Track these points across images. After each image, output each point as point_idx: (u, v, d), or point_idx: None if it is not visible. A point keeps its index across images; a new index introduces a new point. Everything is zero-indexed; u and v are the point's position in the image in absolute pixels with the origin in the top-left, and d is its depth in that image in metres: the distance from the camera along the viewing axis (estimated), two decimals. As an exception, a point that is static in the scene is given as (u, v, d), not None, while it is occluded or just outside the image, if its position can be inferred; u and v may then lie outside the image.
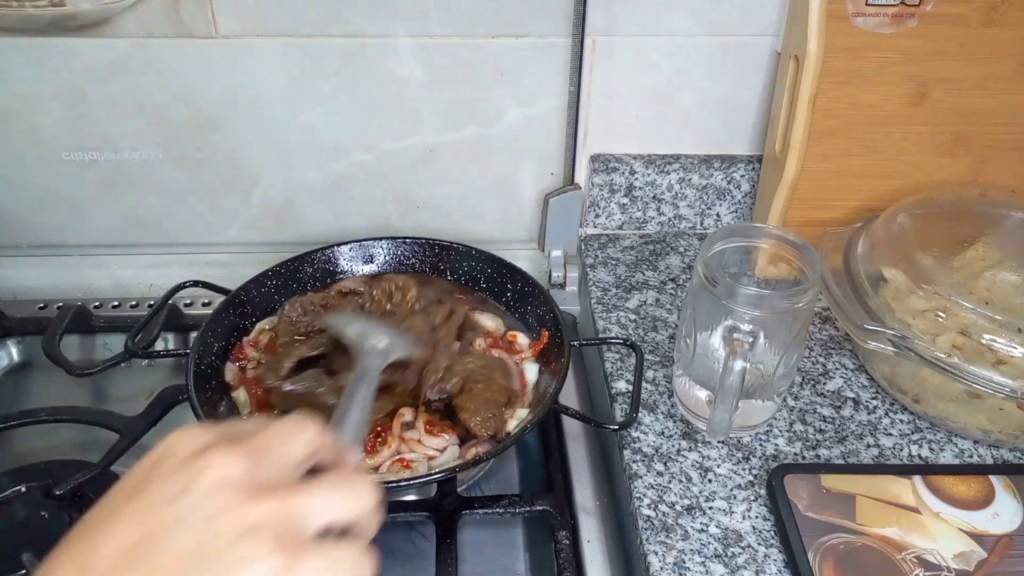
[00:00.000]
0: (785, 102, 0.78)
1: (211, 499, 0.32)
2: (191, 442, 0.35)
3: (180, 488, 0.33)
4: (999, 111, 0.78)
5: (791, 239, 0.62)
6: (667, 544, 0.59)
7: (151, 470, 0.34)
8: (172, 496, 0.33)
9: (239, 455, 0.34)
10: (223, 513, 0.32)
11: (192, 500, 0.32)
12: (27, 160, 0.82)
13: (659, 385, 0.72)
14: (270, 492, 0.33)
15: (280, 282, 0.77)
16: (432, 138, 0.84)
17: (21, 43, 0.75)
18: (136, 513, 0.33)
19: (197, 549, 0.31)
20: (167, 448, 0.35)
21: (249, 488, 0.33)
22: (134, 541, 0.32)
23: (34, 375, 0.82)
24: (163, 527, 0.32)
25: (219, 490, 0.32)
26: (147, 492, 0.33)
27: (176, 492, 0.33)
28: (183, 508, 0.32)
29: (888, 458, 0.66)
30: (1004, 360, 0.62)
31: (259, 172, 0.85)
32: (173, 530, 0.32)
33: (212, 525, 0.32)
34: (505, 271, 0.78)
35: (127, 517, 0.33)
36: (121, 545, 0.32)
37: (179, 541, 0.31)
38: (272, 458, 0.35)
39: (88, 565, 0.32)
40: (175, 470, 0.33)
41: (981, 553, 0.57)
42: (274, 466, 0.35)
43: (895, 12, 0.73)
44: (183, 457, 0.34)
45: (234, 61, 0.78)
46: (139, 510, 0.33)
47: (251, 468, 0.33)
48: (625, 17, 0.78)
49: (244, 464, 0.33)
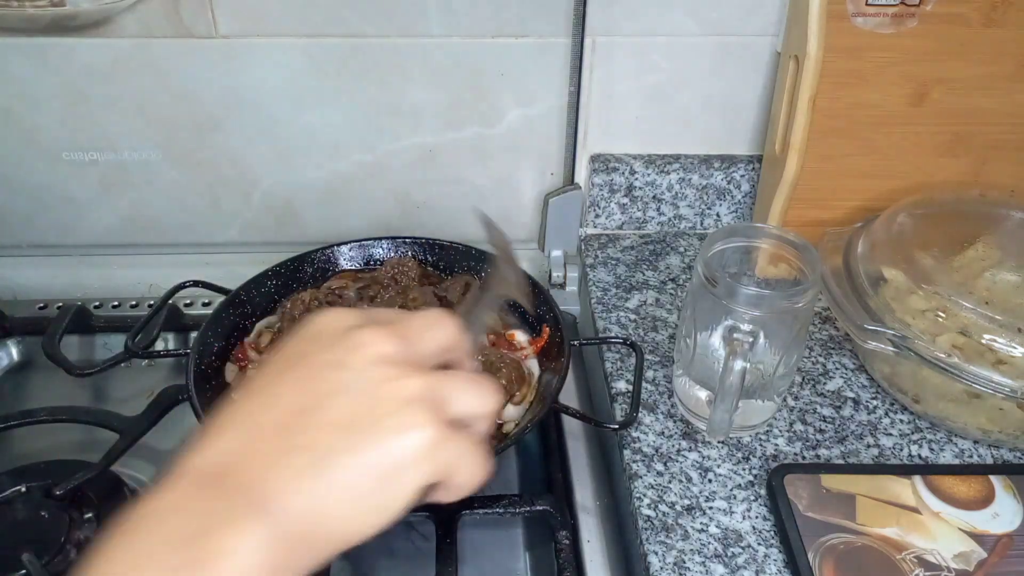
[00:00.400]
0: (785, 102, 0.77)
1: (371, 370, 0.34)
2: (344, 320, 0.37)
3: (340, 359, 0.35)
4: (999, 111, 0.78)
5: (791, 239, 0.62)
6: (667, 544, 0.59)
7: (309, 343, 0.36)
8: (334, 365, 0.35)
9: (390, 335, 0.36)
10: (383, 383, 0.34)
11: (354, 369, 0.34)
12: (27, 160, 0.82)
13: (659, 385, 0.72)
14: (421, 371, 0.35)
15: (280, 282, 0.77)
16: (432, 138, 0.84)
17: (21, 43, 0.75)
18: (301, 380, 0.35)
19: (361, 413, 0.33)
20: (321, 324, 0.37)
21: (403, 364, 0.35)
22: (301, 405, 0.34)
23: (34, 375, 0.82)
24: (327, 393, 0.34)
25: (377, 363, 0.35)
26: (309, 361, 0.35)
27: (337, 362, 0.35)
28: (346, 376, 0.34)
29: (888, 458, 0.66)
30: (1004, 360, 0.62)
31: (259, 172, 0.85)
32: (338, 396, 0.34)
33: (374, 393, 0.34)
34: None
35: (292, 383, 0.35)
36: (289, 407, 0.34)
37: (344, 405, 0.33)
38: (417, 342, 0.37)
39: (257, 426, 0.34)
40: (333, 343, 0.36)
41: (981, 553, 0.57)
42: (419, 350, 0.37)
43: (895, 12, 0.73)
44: (338, 332, 0.36)
45: (234, 61, 0.78)
46: (303, 377, 0.35)
47: (401, 348, 0.36)
48: (625, 17, 0.78)
49: (396, 343, 0.36)
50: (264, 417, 0.34)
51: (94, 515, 0.63)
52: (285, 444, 0.33)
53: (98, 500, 0.64)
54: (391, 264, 0.77)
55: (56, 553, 0.60)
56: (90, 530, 0.62)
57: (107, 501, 0.64)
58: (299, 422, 0.33)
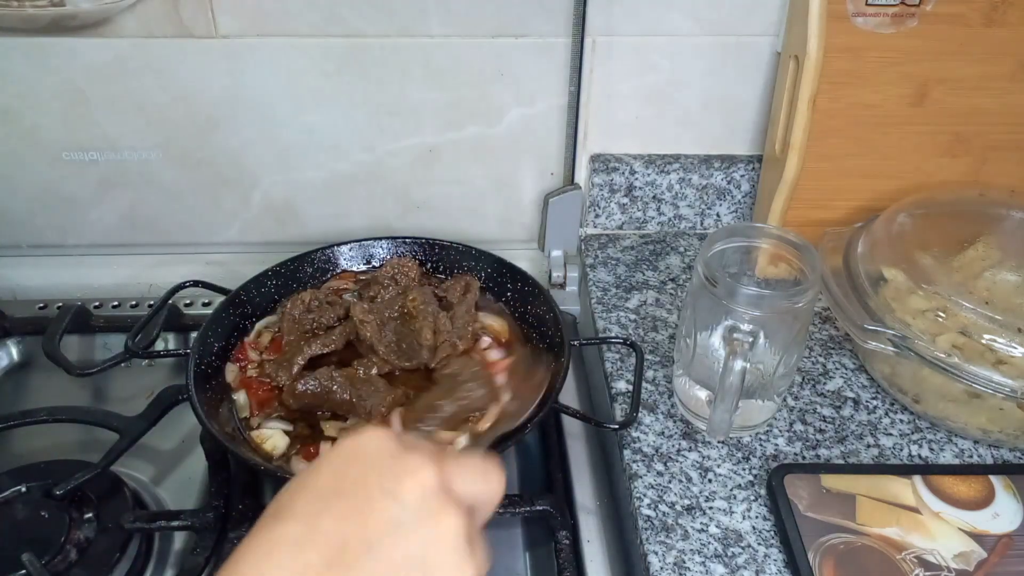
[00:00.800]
0: (785, 102, 0.77)
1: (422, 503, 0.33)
2: (388, 444, 0.35)
3: (394, 491, 0.33)
4: (999, 111, 0.78)
5: (791, 239, 0.62)
6: (667, 544, 0.59)
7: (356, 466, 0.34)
8: (389, 497, 0.32)
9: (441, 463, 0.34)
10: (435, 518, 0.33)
11: (404, 502, 0.32)
12: (27, 160, 0.82)
13: (659, 385, 0.72)
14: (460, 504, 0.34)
15: (280, 282, 0.77)
16: (432, 138, 0.84)
17: (21, 43, 0.75)
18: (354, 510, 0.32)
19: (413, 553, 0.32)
20: (367, 445, 0.35)
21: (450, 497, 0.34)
22: (350, 538, 0.31)
23: (34, 375, 0.82)
24: (383, 531, 0.32)
25: (428, 496, 0.33)
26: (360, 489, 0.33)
27: (391, 494, 0.33)
28: (397, 509, 0.32)
29: (888, 458, 0.66)
30: (1004, 360, 0.62)
31: (259, 172, 0.85)
32: (390, 532, 0.32)
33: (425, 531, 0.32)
34: (505, 271, 0.78)
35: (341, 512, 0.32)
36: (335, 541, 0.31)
37: (396, 544, 0.32)
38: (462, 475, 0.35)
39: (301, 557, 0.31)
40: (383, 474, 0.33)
41: (981, 553, 0.57)
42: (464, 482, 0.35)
43: (895, 12, 0.73)
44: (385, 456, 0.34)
45: (234, 61, 0.78)
46: (357, 507, 0.32)
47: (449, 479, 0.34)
48: (625, 17, 0.78)
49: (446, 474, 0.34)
50: (311, 545, 0.31)
51: (94, 515, 0.63)
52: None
53: (98, 500, 0.64)
54: (391, 265, 0.77)
55: (56, 553, 0.60)
56: (90, 530, 0.62)
57: (107, 501, 0.64)
58: (350, 556, 0.31)
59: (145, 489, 0.69)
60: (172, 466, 0.72)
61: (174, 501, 0.68)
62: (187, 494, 0.69)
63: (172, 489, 0.70)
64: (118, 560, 0.61)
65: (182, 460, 0.72)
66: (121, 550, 0.61)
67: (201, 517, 0.63)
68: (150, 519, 0.64)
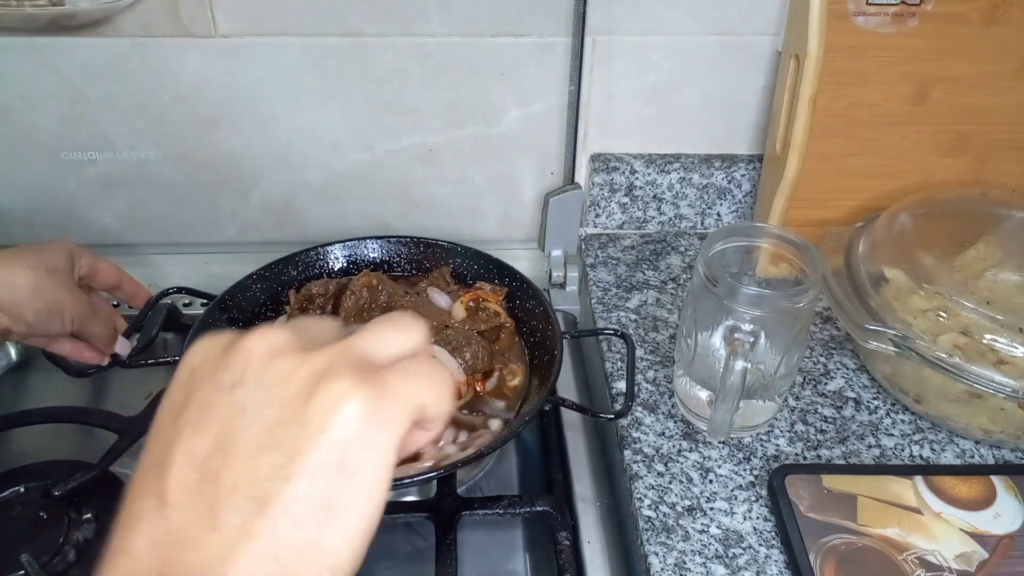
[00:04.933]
0: (786, 101, 0.77)
1: (268, 371, 0.28)
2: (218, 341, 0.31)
3: (231, 378, 0.29)
4: (1000, 110, 0.77)
5: (792, 239, 0.62)
6: (668, 545, 0.59)
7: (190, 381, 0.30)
8: (227, 386, 0.29)
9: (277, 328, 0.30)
10: (288, 375, 0.28)
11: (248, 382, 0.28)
12: (27, 160, 0.82)
13: (659, 385, 0.72)
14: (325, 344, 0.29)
15: (265, 285, 0.75)
16: (432, 138, 0.84)
17: (21, 43, 0.75)
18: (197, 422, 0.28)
19: (277, 421, 0.27)
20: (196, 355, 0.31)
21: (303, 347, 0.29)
22: (207, 449, 0.28)
23: (34, 375, 0.82)
24: (231, 418, 0.28)
25: (272, 360, 0.29)
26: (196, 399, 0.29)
27: (229, 382, 0.29)
28: (242, 393, 0.28)
29: (889, 458, 0.65)
30: (1005, 360, 0.62)
31: (259, 172, 0.85)
32: (243, 415, 0.28)
33: (281, 390, 0.28)
34: (492, 266, 0.77)
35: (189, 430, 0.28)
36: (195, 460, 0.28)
37: (255, 423, 0.27)
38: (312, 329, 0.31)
39: (165, 491, 0.27)
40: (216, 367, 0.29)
41: (983, 554, 0.57)
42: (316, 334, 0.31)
43: (896, 11, 0.72)
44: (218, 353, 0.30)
45: (234, 61, 0.77)
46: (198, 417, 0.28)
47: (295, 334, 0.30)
48: (625, 17, 0.78)
49: (287, 332, 0.30)
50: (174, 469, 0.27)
51: (93, 515, 0.63)
52: (211, 502, 0.27)
53: (97, 500, 0.64)
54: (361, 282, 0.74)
55: (55, 553, 0.60)
56: (89, 531, 0.62)
57: (106, 501, 0.64)
58: (216, 463, 0.27)
59: (144, 489, 0.69)
60: (171, 466, 0.72)
61: (173, 501, 0.68)
62: (186, 494, 0.69)
63: (171, 489, 0.69)
64: (117, 561, 0.61)
65: (181, 460, 0.72)
66: (120, 551, 0.61)
67: (200, 518, 0.63)
68: (149, 520, 0.64)
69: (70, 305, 0.63)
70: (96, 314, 0.66)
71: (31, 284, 0.60)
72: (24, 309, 0.60)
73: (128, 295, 0.72)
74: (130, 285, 0.72)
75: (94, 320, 0.65)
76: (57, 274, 0.62)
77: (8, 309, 0.59)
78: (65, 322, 0.63)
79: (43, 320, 0.61)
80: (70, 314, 0.63)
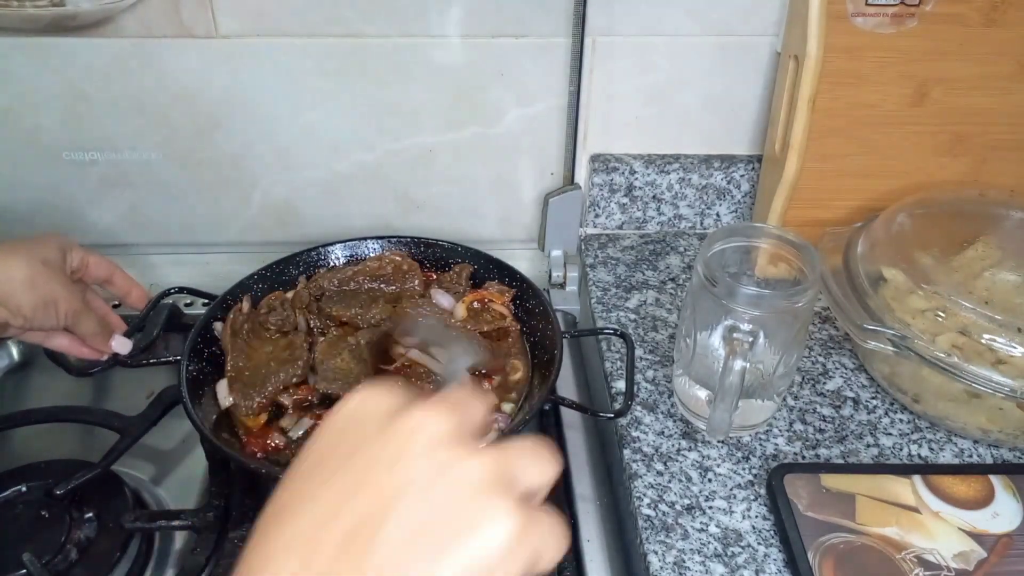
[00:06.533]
0: (785, 102, 0.78)
1: (432, 458, 0.30)
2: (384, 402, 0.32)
3: (395, 451, 0.30)
4: (999, 111, 0.78)
5: (791, 239, 0.62)
6: (667, 543, 0.59)
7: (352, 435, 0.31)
8: (390, 460, 0.29)
9: (442, 410, 0.31)
10: (448, 470, 0.29)
11: (413, 461, 0.29)
12: (27, 160, 0.82)
13: (659, 385, 0.72)
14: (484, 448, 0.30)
15: (266, 285, 0.75)
16: (432, 138, 0.84)
17: (21, 43, 0.75)
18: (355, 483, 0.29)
19: (433, 515, 0.28)
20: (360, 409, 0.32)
21: (463, 443, 0.30)
22: (361, 515, 0.29)
23: (34, 375, 0.82)
24: (391, 497, 0.29)
25: (437, 448, 0.30)
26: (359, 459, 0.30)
27: (392, 456, 0.30)
28: (401, 475, 0.29)
29: (888, 458, 0.66)
30: (1004, 360, 0.62)
31: (259, 172, 0.85)
32: (402, 498, 0.29)
33: (441, 486, 0.29)
34: (492, 266, 0.77)
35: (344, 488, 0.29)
36: (349, 520, 0.29)
37: (412, 509, 0.28)
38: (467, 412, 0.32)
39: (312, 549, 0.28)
40: (382, 431, 0.31)
41: (981, 553, 0.57)
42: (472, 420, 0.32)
43: (895, 12, 0.73)
44: (383, 417, 0.31)
45: (234, 61, 0.78)
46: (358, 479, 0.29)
47: (455, 423, 0.31)
48: (625, 17, 0.78)
49: (449, 419, 0.31)
50: (320, 535, 0.28)
51: (94, 515, 0.63)
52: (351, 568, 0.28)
53: (98, 500, 0.64)
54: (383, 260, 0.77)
55: (56, 553, 0.60)
56: (90, 530, 0.62)
57: (107, 501, 0.64)
58: (364, 538, 0.28)
59: (145, 489, 0.69)
60: (172, 466, 0.72)
61: (174, 501, 0.69)
62: (187, 494, 0.69)
63: (172, 489, 0.70)
64: (118, 560, 0.61)
65: (182, 460, 0.72)
66: (121, 550, 0.62)
67: (201, 517, 0.63)
68: (150, 519, 0.64)
69: (64, 298, 0.63)
70: (89, 310, 0.66)
71: (27, 277, 0.60)
72: (21, 302, 0.60)
73: (121, 290, 0.72)
74: (122, 279, 0.72)
75: (87, 316, 0.65)
76: (51, 267, 0.63)
77: (6, 302, 0.59)
78: (59, 315, 0.63)
79: (39, 313, 0.61)
80: (64, 307, 0.63)
